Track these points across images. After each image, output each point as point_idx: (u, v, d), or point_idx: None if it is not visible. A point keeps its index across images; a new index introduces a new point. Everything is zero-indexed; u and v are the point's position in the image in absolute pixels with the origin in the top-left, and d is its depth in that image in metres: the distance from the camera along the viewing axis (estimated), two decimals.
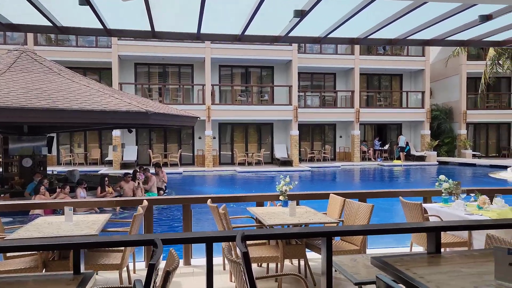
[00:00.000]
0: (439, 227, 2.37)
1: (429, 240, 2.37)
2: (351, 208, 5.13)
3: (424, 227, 2.37)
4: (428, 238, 2.38)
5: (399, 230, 2.43)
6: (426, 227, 2.36)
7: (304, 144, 25.58)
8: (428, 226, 2.33)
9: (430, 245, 2.35)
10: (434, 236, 2.35)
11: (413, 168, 23.42)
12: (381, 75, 27.07)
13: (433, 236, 2.35)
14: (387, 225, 2.48)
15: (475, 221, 2.74)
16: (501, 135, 28.24)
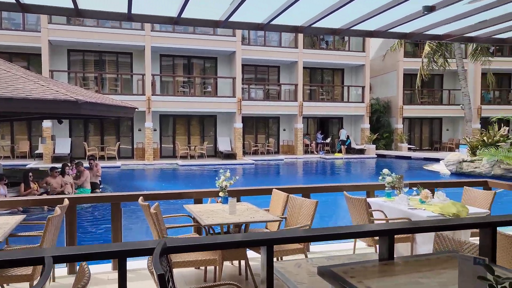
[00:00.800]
0: (393, 230, 2.11)
1: (381, 245, 2.11)
2: (295, 204, 4.87)
3: (375, 230, 2.09)
4: (380, 243, 2.12)
5: (348, 235, 2.14)
6: (378, 230, 2.09)
7: (248, 137, 25.34)
8: (380, 229, 2.05)
9: (382, 250, 2.09)
10: (387, 241, 2.09)
11: (353, 161, 23.99)
12: (323, 69, 27.42)
13: (386, 240, 2.09)
14: (334, 230, 2.18)
15: (431, 221, 2.51)
16: (433, 129, 29.75)
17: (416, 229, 2.17)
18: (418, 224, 2.21)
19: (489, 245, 2.31)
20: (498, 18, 6.04)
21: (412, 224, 2.20)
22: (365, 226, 2.45)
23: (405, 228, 2.15)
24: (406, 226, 2.14)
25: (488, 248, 2.31)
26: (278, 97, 25.22)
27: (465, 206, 4.69)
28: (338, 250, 5.58)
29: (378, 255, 2.21)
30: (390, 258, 2.12)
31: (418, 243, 4.78)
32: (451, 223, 2.25)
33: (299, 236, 2.01)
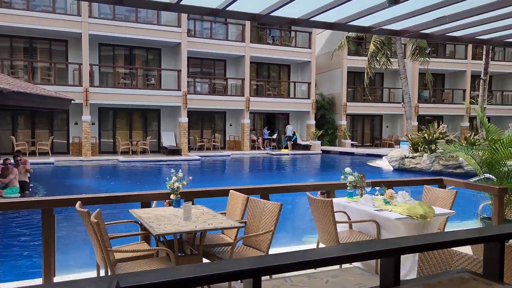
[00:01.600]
0: (400, 249, 1.74)
1: (385, 267, 1.73)
2: (256, 207, 4.44)
3: (380, 250, 1.70)
4: (383, 265, 1.74)
5: (349, 257, 1.74)
6: (382, 250, 1.71)
7: (193, 132, 24.60)
8: (384, 249, 1.67)
9: (387, 274, 1.71)
10: (393, 263, 1.71)
11: (299, 157, 24.07)
12: (270, 64, 27.26)
13: (391, 262, 1.71)
14: (333, 251, 1.77)
15: (435, 236, 2.17)
16: (374, 126, 30.71)
17: (423, 247, 1.81)
18: (424, 240, 1.85)
19: (496, 259, 2.01)
20: (453, 15, 5.98)
21: (417, 241, 1.83)
22: (367, 244, 2.06)
23: (410, 246, 1.78)
24: (411, 244, 1.78)
25: (495, 264, 2.01)
26: (225, 91, 24.69)
27: (431, 207, 4.52)
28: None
29: (380, 281, 1.83)
30: (396, 284, 1.75)
31: None
32: (458, 237, 1.92)
33: (299, 262, 1.57)
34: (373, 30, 6.71)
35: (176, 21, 22.02)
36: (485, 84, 19.13)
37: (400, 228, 4.35)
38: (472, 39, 7.21)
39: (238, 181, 15.51)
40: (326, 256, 1.71)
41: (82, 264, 5.91)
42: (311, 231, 7.86)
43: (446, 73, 30.89)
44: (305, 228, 8.63)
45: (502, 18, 6.42)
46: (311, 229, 8.15)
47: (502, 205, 5.57)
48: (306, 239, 7.28)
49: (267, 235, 4.14)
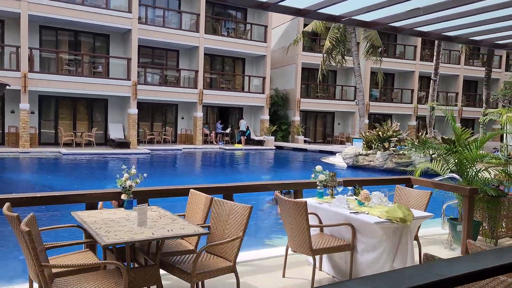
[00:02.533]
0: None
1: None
2: (221, 209, 3.91)
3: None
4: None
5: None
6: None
7: (143, 125, 23.49)
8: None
9: None
10: None
11: (252, 152, 23.71)
12: (225, 57, 26.60)
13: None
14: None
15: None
16: (326, 123, 30.99)
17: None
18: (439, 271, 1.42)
19: None
20: (426, 8, 5.76)
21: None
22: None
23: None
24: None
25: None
26: (177, 83, 23.75)
27: (410, 209, 4.21)
28: (269, 257, 4.82)
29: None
30: None
31: (359, 251, 4.19)
32: (492, 264, 1.51)
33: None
34: (343, 20, 6.36)
35: (126, 7, 20.79)
36: (435, 85, 19.71)
37: (378, 233, 4.01)
38: (439, 35, 7.06)
39: (192, 177, 14.84)
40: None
41: (13, 276, 5.10)
42: (274, 233, 7.45)
43: (396, 73, 31.75)
44: (265, 229, 8.22)
45: (468, 14, 6.29)
46: (273, 231, 7.75)
47: (472, 206, 5.43)
48: (269, 242, 6.85)
49: (235, 243, 3.63)
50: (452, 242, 5.64)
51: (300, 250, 4.20)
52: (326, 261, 4.58)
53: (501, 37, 7.11)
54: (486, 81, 22.29)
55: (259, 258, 4.89)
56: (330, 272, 4.53)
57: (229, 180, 13.64)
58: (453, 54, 32.38)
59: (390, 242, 4.06)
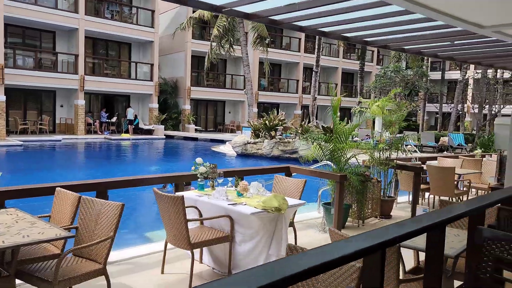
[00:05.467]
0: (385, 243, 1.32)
1: (370, 266, 1.29)
2: (90, 208, 3.63)
3: (364, 248, 1.27)
4: (367, 264, 1.30)
5: (330, 264, 1.31)
6: (367, 247, 1.27)
7: (14, 113, 21.05)
8: (369, 246, 1.26)
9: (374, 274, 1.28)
10: (379, 258, 1.29)
11: (141, 142, 22.85)
12: (109, 41, 25.00)
13: (377, 258, 1.29)
14: (309, 258, 1.27)
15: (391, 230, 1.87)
16: (217, 111, 31.18)
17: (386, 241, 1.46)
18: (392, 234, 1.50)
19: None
20: (302, 4, 6.03)
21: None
22: (344, 245, 1.62)
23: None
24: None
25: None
26: (54, 67, 21.69)
27: (285, 198, 4.39)
28: (148, 253, 4.65)
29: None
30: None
31: (238, 242, 4.25)
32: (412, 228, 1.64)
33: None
34: (224, 10, 6.36)
35: None
36: (317, 76, 20.99)
37: (254, 223, 4.11)
38: (315, 30, 7.45)
39: (69, 171, 13.71)
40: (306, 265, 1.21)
41: None
42: (155, 227, 7.23)
43: (283, 63, 33.12)
44: (147, 223, 7.96)
45: (340, 12, 6.74)
46: (154, 225, 7.52)
47: (342, 191, 5.88)
48: (151, 235, 6.63)
49: (105, 244, 3.40)
50: (325, 224, 6.07)
51: (178, 245, 4.11)
52: (207, 253, 4.57)
53: (369, 34, 7.77)
54: (360, 73, 24.43)
55: (137, 255, 4.69)
56: (211, 264, 4.53)
57: (113, 173, 12.93)
58: (333, 48, 34.83)
59: (266, 231, 4.19)
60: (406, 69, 29.29)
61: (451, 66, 36.16)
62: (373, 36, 7.94)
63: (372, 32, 7.53)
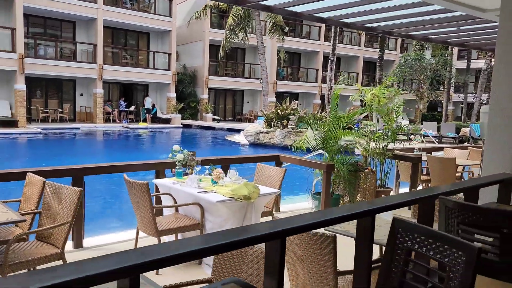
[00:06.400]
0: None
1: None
2: (53, 193, 3.67)
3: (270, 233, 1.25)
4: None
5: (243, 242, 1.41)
6: (270, 233, 1.25)
7: (36, 102, 21.65)
8: (271, 232, 1.23)
9: None
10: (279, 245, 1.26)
11: (158, 131, 23.11)
12: (128, 31, 25.27)
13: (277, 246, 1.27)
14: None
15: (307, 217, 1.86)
16: (236, 100, 31.16)
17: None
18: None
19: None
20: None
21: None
22: (247, 229, 1.71)
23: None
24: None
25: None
26: (74, 57, 22.13)
27: (257, 186, 4.32)
28: (121, 241, 4.66)
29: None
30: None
31: (208, 230, 4.23)
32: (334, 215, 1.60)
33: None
34: (248, 5, 6.38)
35: None
36: (333, 65, 20.62)
37: (222, 211, 4.06)
38: (311, 15, 7.29)
39: (81, 158, 14.01)
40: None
41: None
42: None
43: (302, 52, 32.68)
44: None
45: (362, 3, 6.61)
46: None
47: (329, 180, 5.76)
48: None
49: (63, 229, 3.44)
50: None
51: (147, 232, 4.12)
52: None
53: (392, 25, 7.61)
54: (379, 62, 23.86)
55: (115, 241, 4.74)
56: None
57: (126, 161, 13.11)
58: (354, 36, 34.11)
59: (235, 219, 4.14)
60: (431, 58, 28.45)
61: (479, 55, 34.86)
62: (397, 27, 7.74)
63: (396, 23, 7.40)
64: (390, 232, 1.92)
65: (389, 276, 1.88)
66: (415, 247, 1.81)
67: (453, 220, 2.31)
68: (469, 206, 2.22)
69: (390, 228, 1.92)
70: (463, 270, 1.57)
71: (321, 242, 2.49)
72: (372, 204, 2.12)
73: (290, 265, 2.78)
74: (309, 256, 2.60)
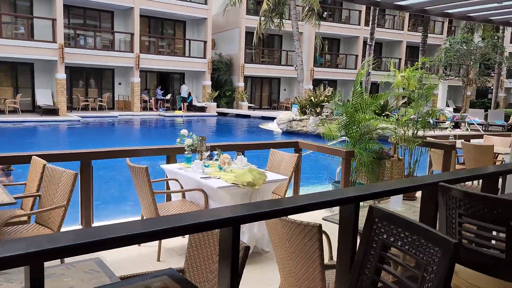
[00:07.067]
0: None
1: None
2: (52, 176, 3.64)
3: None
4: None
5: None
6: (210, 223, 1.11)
7: (77, 91, 22.37)
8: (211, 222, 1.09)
9: None
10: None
11: (193, 119, 23.29)
12: (164, 19, 25.50)
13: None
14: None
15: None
16: (272, 88, 30.83)
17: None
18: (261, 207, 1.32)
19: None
20: None
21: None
22: (199, 215, 1.62)
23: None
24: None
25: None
26: (112, 47, 22.62)
27: (263, 173, 4.11)
28: None
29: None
30: None
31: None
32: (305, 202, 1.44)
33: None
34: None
35: None
36: (371, 50, 19.83)
37: (225, 197, 3.89)
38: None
39: (114, 145, 14.29)
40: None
41: None
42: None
43: (342, 38, 31.76)
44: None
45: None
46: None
47: (348, 168, 5.44)
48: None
49: (58, 212, 3.39)
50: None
51: (149, 217, 4.02)
52: None
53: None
54: (422, 46, 22.73)
55: None
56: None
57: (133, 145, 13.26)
58: (397, 20, 32.70)
59: None
60: (479, 41, 26.74)
61: None
62: (432, 4, 7.24)
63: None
64: (366, 222, 1.66)
65: (361, 274, 1.63)
66: (391, 240, 1.55)
67: (455, 211, 2.01)
68: (473, 195, 1.91)
69: (366, 218, 1.67)
70: (438, 269, 1.30)
71: (306, 232, 2.25)
72: (357, 191, 1.85)
73: (276, 249, 2.56)
74: (295, 245, 2.36)
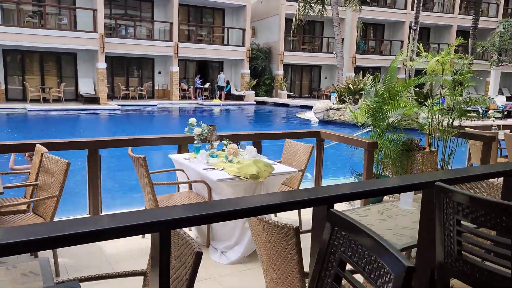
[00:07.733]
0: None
1: None
2: (48, 166, 3.55)
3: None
4: None
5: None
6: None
7: (118, 80, 22.89)
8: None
9: None
10: None
11: (231, 108, 23.21)
12: (203, 8, 25.45)
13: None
14: None
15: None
16: (313, 77, 30.12)
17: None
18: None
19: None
20: None
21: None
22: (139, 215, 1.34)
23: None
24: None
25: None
26: (151, 36, 22.88)
27: (270, 165, 3.82)
28: None
29: None
30: None
31: None
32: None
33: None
34: None
35: None
36: (415, 34, 18.80)
37: (226, 190, 3.66)
38: None
39: (151, 132, 14.45)
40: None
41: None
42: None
43: (386, 23, 30.44)
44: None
45: None
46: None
47: (371, 160, 5.04)
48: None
49: (51, 202, 3.30)
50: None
51: (151, 207, 3.87)
52: None
53: None
54: (472, 30, 21.29)
55: None
56: (193, 233, 4.23)
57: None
58: (447, 3, 30.85)
59: None
60: None
61: None
62: None
63: None
64: (325, 230, 1.37)
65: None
66: (348, 255, 1.25)
67: (452, 217, 1.66)
68: (474, 199, 1.55)
69: (325, 225, 1.37)
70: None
71: (283, 234, 1.97)
72: (327, 191, 1.55)
73: (258, 250, 2.31)
74: (274, 249, 2.09)
